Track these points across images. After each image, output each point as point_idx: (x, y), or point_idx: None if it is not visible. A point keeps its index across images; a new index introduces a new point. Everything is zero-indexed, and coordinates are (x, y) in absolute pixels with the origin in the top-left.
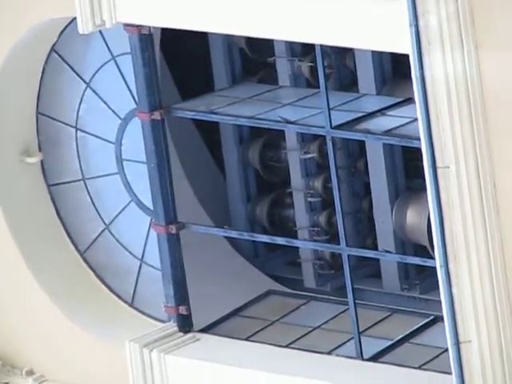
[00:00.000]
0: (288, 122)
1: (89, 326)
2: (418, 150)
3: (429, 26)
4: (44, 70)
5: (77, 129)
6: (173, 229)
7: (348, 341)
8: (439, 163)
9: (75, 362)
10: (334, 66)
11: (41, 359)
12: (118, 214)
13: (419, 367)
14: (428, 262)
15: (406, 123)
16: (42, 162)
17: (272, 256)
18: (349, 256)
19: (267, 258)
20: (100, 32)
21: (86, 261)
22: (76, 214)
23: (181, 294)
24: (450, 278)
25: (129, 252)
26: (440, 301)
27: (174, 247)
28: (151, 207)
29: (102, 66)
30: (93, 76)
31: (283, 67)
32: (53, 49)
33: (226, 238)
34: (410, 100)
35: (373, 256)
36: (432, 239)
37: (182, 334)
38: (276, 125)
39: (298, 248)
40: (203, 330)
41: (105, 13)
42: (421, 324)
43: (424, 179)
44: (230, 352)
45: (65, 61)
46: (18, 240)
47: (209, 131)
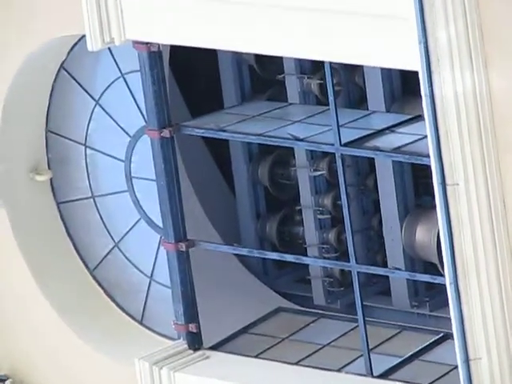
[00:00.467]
0: (297, 139)
1: (98, 343)
2: (428, 168)
3: (438, 43)
4: (53, 87)
5: (86, 146)
6: (182, 246)
7: (358, 358)
8: (448, 180)
9: (85, 379)
10: (343, 83)
11: (50, 377)
12: (128, 231)
13: None
14: (437, 280)
15: (416, 140)
16: (51, 179)
17: (281, 273)
18: (358, 273)
19: (277, 275)
20: (109, 49)
21: (95, 278)
22: (85, 231)
23: (190, 311)
24: (459, 296)
25: (138, 270)
26: (450, 318)
27: (183, 265)
28: (161, 225)
29: (111, 84)
30: (102, 93)
31: (292, 84)
32: (62, 66)
33: (236, 255)
34: (420, 117)
35: (382, 273)
36: (441, 256)
37: (191, 351)
38: (285, 142)
39: (307, 265)
40: (213, 348)
41: (114, 30)
42: (430, 341)
43: (433, 196)
44: (239, 369)
45: (74, 78)
46: (27, 257)
47: (218, 149)
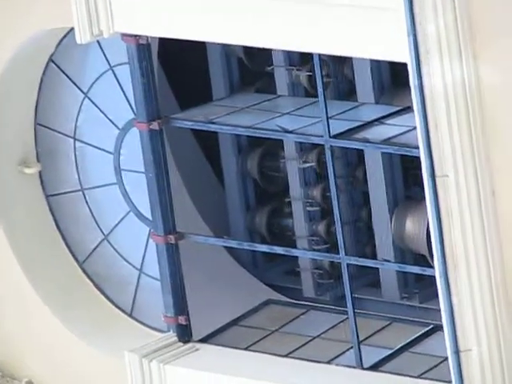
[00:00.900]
0: (286, 131)
1: (88, 336)
2: (417, 159)
3: (427, 34)
4: (42, 80)
5: (75, 139)
6: (172, 239)
7: (348, 350)
8: (438, 172)
9: (74, 372)
10: (332, 75)
11: (40, 370)
12: (117, 224)
13: (419, 376)
14: (427, 271)
15: (405, 132)
16: (40, 172)
17: (271, 265)
18: (348, 265)
19: (266, 267)
20: (98, 42)
21: (84, 271)
22: (74, 224)
23: (180, 303)
24: (449, 287)
25: (128, 262)
26: (439, 310)
27: (172, 257)
28: (150, 217)
29: (99, 76)
30: (91, 86)
31: (281, 76)
32: (51, 59)
33: (225, 247)
34: (409, 109)
35: (372, 265)
36: (431, 248)
37: (181, 344)
38: (274, 134)
39: (297, 257)
40: (202, 340)
41: (102, 23)
42: (420, 333)
43: (423, 188)
44: (229, 362)
45: (63, 71)
46: (16, 251)
47: (207, 141)
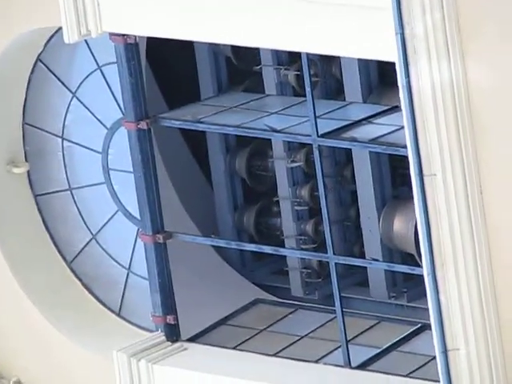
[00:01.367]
0: (274, 130)
1: (76, 335)
2: (405, 158)
3: (415, 34)
4: (30, 79)
5: (63, 139)
6: (160, 238)
7: (336, 349)
8: (426, 171)
9: (63, 371)
10: (320, 75)
11: (28, 370)
12: (105, 223)
13: (407, 375)
14: (415, 270)
15: (393, 131)
16: (28, 172)
17: (259, 265)
18: (336, 264)
19: (254, 266)
20: (86, 41)
21: (73, 271)
22: (63, 223)
23: (168, 303)
24: (437, 286)
25: (116, 262)
26: (427, 309)
27: (161, 257)
28: (138, 217)
29: (87, 76)
30: (79, 86)
31: (269, 76)
32: (39, 58)
33: (213, 247)
34: (397, 108)
35: (360, 264)
36: (419, 247)
37: (169, 343)
38: (262, 133)
39: (285, 257)
40: (191, 340)
41: (90, 22)
42: (408, 332)
43: (411, 187)
44: (217, 361)
45: (51, 71)
46: (4, 250)
47: (195, 140)
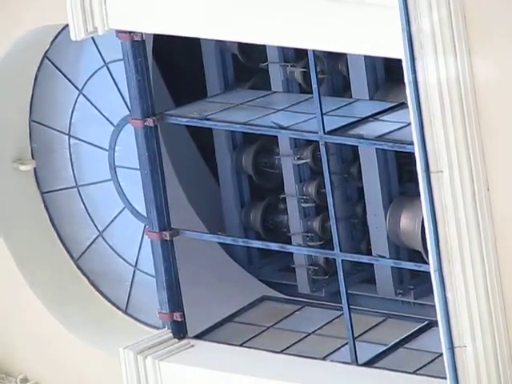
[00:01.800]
0: (281, 127)
1: (83, 333)
2: (412, 155)
3: (421, 30)
4: (37, 77)
5: (70, 136)
6: (166, 235)
7: (342, 346)
8: (432, 168)
9: (69, 369)
10: (326, 72)
11: (35, 367)
12: (112, 220)
13: (414, 372)
14: (422, 267)
15: (399, 128)
16: (35, 169)
17: (266, 262)
18: (343, 261)
19: (261, 263)
20: (92, 39)
21: (79, 268)
22: (69, 221)
23: (175, 300)
24: (444, 283)
25: (122, 259)
26: (434, 305)
27: (167, 254)
28: (145, 214)
29: (94, 73)
30: (85, 83)
31: (276, 73)
32: (45, 56)
33: (220, 244)
34: (403, 105)
35: (367, 261)
36: (426, 244)
37: (176, 340)
38: (269, 130)
39: (291, 254)
40: (197, 337)
41: (97, 19)
42: (415, 329)
43: (417, 184)
44: (224, 358)
45: (57, 68)
46: (11, 247)
47: (202, 137)
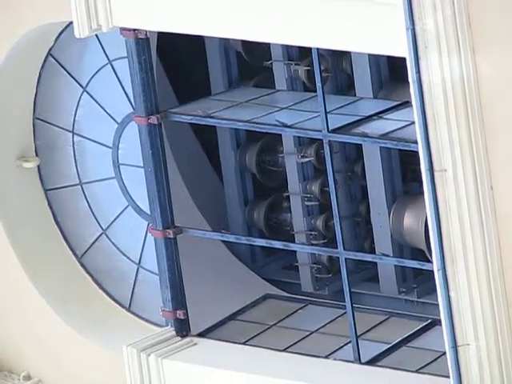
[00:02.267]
0: (285, 125)
1: (86, 330)
2: (416, 154)
3: (425, 29)
4: (41, 74)
5: (74, 133)
6: (170, 233)
7: (345, 344)
8: (436, 166)
9: (72, 366)
10: (330, 70)
11: (38, 364)
12: (115, 218)
13: (417, 371)
14: (425, 266)
15: (403, 126)
16: (38, 166)
17: (269, 260)
18: (346, 260)
19: (264, 262)
20: (96, 36)
21: (83, 265)
22: (73, 218)
23: (178, 298)
24: (447, 281)
25: (126, 256)
26: (438, 304)
27: (171, 251)
28: (148, 211)
29: (98, 71)
30: (89, 80)
31: (280, 71)
32: (49, 53)
33: (224, 242)
34: (407, 103)
35: (370, 259)
36: (429, 243)
37: (179, 338)
38: (273, 129)
39: (295, 252)
40: (201, 335)
41: (101, 17)
42: (418, 327)
43: (421, 183)
44: (227, 356)
45: (61, 65)
46: (14, 244)
47: (206, 135)
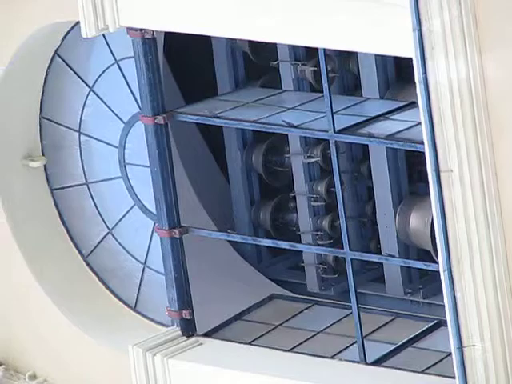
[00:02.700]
0: (291, 126)
1: (92, 330)
2: (422, 154)
3: (432, 30)
4: (47, 74)
5: (80, 133)
6: (176, 233)
7: (351, 345)
8: (442, 167)
9: (78, 366)
10: (337, 70)
11: (44, 363)
12: (122, 218)
13: (423, 371)
14: (431, 266)
15: (410, 127)
16: (45, 166)
17: (275, 260)
18: (352, 260)
19: (270, 262)
20: (103, 36)
21: (89, 265)
22: (79, 218)
23: (184, 298)
24: (453, 282)
25: (132, 256)
26: (443, 305)
27: (177, 251)
28: (154, 211)
29: (105, 70)
30: (96, 80)
31: (286, 71)
32: (56, 53)
33: (230, 242)
34: (414, 104)
35: (376, 260)
36: (435, 243)
37: (185, 338)
38: (279, 129)
39: (301, 252)
40: (206, 334)
41: (108, 17)
42: (424, 328)
43: (427, 183)
44: (233, 356)
45: (68, 65)
46: (20, 244)
47: (212, 135)
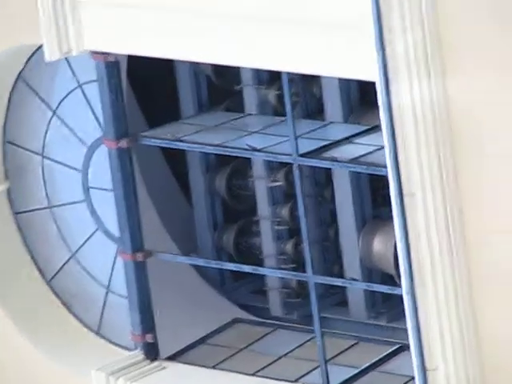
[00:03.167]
0: (255, 149)
1: (55, 354)
2: (385, 178)
3: (395, 53)
4: (11, 97)
5: (43, 156)
6: (140, 257)
7: (314, 369)
8: (405, 190)
9: None
10: (300, 94)
11: None
12: (85, 242)
13: None
14: (395, 290)
15: (373, 151)
16: (8, 189)
17: (238, 284)
18: (315, 284)
19: (234, 286)
20: (66, 59)
21: (52, 289)
22: (42, 241)
23: (147, 321)
24: (416, 305)
25: (95, 280)
26: (406, 329)
27: (140, 275)
28: (118, 235)
29: (68, 94)
30: (59, 103)
31: (250, 95)
32: (20, 76)
33: (193, 266)
34: (377, 128)
35: (339, 284)
36: (398, 268)
37: (148, 362)
38: (243, 153)
39: (264, 276)
40: (170, 358)
41: (71, 40)
42: (387, 352)
43: (391, 208)
44: (196, 380)
45: (32, 88)
46: None
47: (175, 159)
